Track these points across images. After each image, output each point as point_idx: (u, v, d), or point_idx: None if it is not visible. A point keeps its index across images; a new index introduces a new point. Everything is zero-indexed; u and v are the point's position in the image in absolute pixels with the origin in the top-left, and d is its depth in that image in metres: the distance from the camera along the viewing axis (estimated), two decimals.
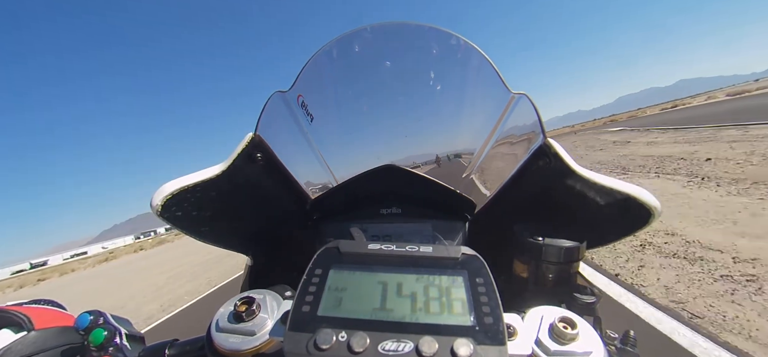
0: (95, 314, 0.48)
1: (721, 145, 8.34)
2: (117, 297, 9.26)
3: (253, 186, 0.67)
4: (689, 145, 9.60)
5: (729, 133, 9.96)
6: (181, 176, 0.52)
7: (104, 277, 16.88)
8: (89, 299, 10.46)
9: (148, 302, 7.31)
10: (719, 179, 5.49)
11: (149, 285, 9.72)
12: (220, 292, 6.60)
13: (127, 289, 10.42)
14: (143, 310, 6.60)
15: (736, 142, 8.26)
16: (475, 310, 0.36)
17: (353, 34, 0.73)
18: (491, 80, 0.68)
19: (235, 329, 0.39)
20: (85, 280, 17.58)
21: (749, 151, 6.88)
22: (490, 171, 0.76)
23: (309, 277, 0.40)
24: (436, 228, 0.74)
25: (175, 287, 8.25)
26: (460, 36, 0.70)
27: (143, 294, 8.52)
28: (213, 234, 0.63)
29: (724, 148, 7.84)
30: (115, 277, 15.48)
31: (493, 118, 0.71)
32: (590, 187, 0.51)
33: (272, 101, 0.69)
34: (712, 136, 10.19)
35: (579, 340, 0.36)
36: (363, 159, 0.81)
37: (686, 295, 2.60)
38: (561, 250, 0.53)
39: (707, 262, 3.03)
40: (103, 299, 9.91)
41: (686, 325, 2.25)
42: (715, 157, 7.01)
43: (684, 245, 3.48)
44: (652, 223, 0.48)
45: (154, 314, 6.12)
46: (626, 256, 3.53)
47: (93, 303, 7.82)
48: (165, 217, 0.51)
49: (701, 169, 6.41)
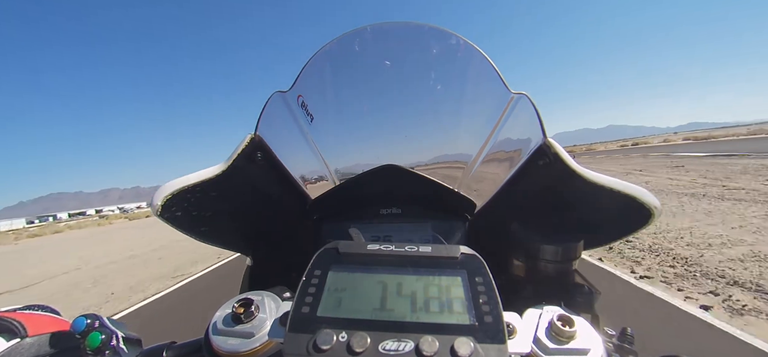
0: (91, 317, 0.48)
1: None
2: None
3: (253, 186, 0.67)
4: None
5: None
6: (180, 177, 0.52)
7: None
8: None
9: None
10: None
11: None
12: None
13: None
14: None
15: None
16: (475, 309, 0.36)
17: (353, 34, 0.73)
18: (491, 80, 0.68)
19: (233, 331, 0.39)
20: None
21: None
22: (490, 171, 0.77)
23: (308, 278, 0.40)
24: (436, 228, 0.74)
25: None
26: (459, 36, 0.70)
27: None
28: (213, 234, 0.62)
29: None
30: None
31: (493, 117, 0.71)
32: (590, 187, 0.51)
33: (272, 101, 0.69)
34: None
35: (577, 338, 0.36)
36: (363, 159, 0.81)
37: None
38: (558, 248, 0.53)
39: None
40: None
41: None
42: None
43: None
44: (651, 223, 0.49)
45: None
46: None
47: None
48: (165, 217, 0.51)
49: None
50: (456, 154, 0.81)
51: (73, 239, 21.29)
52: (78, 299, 6.33)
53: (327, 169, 0.82)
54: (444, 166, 0.83)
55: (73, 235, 25.54)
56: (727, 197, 7.40)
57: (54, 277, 8.81)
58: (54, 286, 7.72)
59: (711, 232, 5.24)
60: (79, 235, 24.41)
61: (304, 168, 0.80)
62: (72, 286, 7.50)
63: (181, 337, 0.51)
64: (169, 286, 6.25)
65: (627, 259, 4.65)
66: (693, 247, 4.71)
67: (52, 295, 6.88)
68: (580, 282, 0.56)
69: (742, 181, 9.10)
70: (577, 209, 0.59)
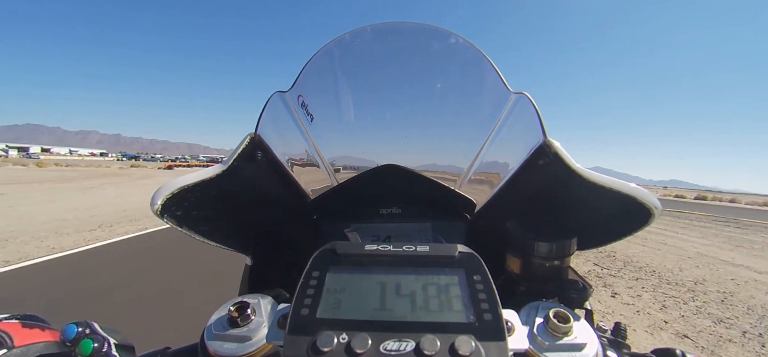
0: (83, 325, 0.46)
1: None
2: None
3: (253, 186, 0.67)
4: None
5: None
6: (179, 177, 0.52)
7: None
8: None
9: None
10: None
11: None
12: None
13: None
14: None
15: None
16: (474, 307, 0.36)
17: (353, 34, 0.73)
18: (491, 79, 0.68)
19: (229, 335, 0.38)
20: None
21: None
22: (489, 170, 0.77)
23: (306, 279, 0.40)
24: (435, 228, 0.74)
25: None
26: (459, 35, 0.70)
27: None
28: (213, 233, 0.62)
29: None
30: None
31: (493, 117, 0.71)
32: (590, 187, 0.51)
33: (272, 101, 0.69)
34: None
35: (573, 334, 0.36)
36: (363, 159, 0.81)
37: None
38: (552, 245, 0.53)
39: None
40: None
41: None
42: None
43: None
44: (651, 223, 0.49)
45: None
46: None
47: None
48: (165, 217, 0.51)
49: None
50: (456, 153, 0.81)
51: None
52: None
53: (327, 168, 0.82)
54: (444, 166, 0.84)
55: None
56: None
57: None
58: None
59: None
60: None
61: (304, 168, 0.80)
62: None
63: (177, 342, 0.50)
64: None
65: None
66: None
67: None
68: (574, 278, 0.57)
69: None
70: (578, 209, 0.59)
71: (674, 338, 3.50)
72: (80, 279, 4.30)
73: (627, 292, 4.86)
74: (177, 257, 5.38)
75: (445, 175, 0.81)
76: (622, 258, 6.86)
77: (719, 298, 4.82)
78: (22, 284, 4.12)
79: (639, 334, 3.52)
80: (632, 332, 3.54)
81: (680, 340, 3.46)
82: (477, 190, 0.77)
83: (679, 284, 5.39)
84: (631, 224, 0.52)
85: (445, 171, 0.82)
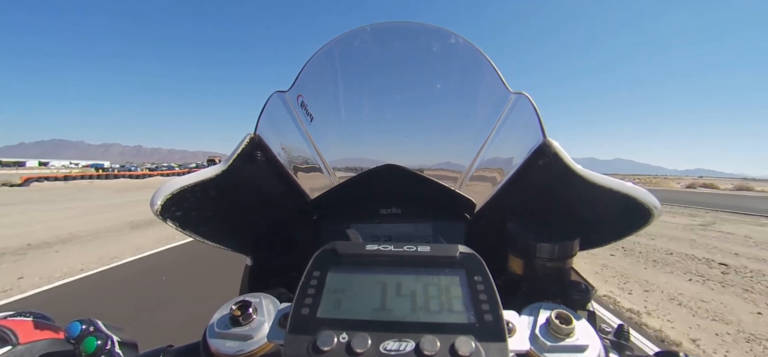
0: (86, 322, 0.47)
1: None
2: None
3: (253, 186, 0.66)
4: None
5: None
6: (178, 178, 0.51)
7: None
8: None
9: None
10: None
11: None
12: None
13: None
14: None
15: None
16: (474, 307, 0.36)
17: (353, 33, 0.73)
18: (490, 80, 0.68)
19: (231, 334, 0.38)
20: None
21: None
22: (489, 170, 0.77)
23: (307, 279, 0.40)
24: (435, 228, 0.74)
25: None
26: (459, 35, 0.70)
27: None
28: (213, 234, 0.62)
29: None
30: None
31: (493, 117, 0.71)
32: (590, 187, 0.51)
33: (272, 101, 0.69)
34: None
35: (575, 335, 0.36)
36: (363, 159, 0.81)
37: None
38: (554, 246, 0.53)
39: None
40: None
41: None
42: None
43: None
44: (651, 223, 0.49)
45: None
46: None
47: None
48: (165, 217, 0.51)
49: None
50: (456, 153, 0.81)
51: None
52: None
53: (327, 169, 0.82)
54: (444, 166, 0.84)
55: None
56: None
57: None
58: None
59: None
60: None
61: (304, 168, 0.80)
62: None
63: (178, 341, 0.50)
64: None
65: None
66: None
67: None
68: (577, 279, 0.56)
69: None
70: (577, 209, 0.59)
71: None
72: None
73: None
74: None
75: (445, 175, 0.81)
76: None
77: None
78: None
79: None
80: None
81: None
82: (477, 190, 0.77)
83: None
84: (631, 224, 0.52)
85: (445, 171, 0.82)
